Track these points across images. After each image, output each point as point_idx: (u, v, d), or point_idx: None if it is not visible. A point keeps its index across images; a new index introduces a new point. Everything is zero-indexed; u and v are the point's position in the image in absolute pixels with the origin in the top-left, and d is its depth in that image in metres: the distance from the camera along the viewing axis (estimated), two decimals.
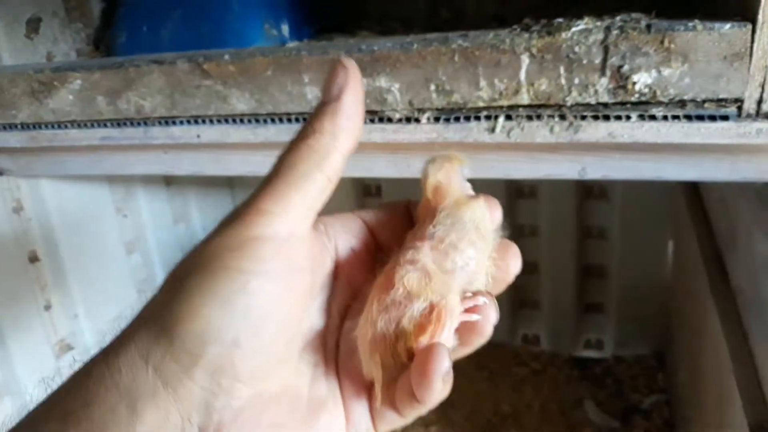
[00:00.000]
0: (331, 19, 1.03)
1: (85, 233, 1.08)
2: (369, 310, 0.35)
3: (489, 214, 0.37)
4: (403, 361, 0.34)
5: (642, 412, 1.24)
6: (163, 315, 0.31)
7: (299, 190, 0.33)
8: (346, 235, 0.39)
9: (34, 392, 0.35)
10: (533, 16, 0.63)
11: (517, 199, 1.31)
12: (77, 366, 0.32)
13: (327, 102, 0.35)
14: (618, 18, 0.56)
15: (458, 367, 1.17)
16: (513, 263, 0.37)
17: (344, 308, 0.39)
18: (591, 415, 1.24)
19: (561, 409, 1.26)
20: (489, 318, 0.35)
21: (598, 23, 0.56)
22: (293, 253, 0.33)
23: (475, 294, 0.35)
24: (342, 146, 0.34)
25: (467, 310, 0.35)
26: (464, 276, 0.35)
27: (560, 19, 0.57)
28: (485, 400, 1.30)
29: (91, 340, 1.08)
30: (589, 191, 1.28)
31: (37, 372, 0.99)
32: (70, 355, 1.05)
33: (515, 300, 1.42)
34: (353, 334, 0.36)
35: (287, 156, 0.34)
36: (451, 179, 0.38)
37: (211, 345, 0.30)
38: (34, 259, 1.01)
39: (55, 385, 0.32)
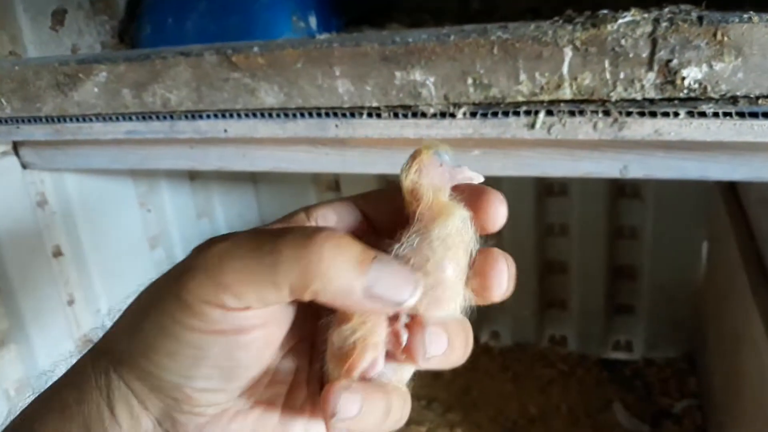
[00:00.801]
0: (359, 11, 1.01)
1: (108, 227, 1.07)
2: (331, 332, 0.33)
3: (471, 223, 0.33)
4: (347, 371, 0.33)
5: (673, 417, 1.21)
6: (132, 346, 0.32)
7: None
8: (341, 228, 0.36)
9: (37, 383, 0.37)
10: (569, 8, 0.60)
11: (547, 197, 1.28)
12: (73, 360, 0.35)
13: (382, 297, 0.30)
14: (666, 9, 0.53)
15: (482, 367, 1.14)
16: (496, 283, 0.33)
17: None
18: (620, 418, 1.21)
19: (589, 411, 1.23)
20: (419, 346, 0.32)
21: (646, 15, 0.53)
22: (265, 315, 0.31)
23: (413, 323, 0.32)
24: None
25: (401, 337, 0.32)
26: (428, 300, 0.32)
27: (605, 11, 0.55)
28: (510, 401, 1.27)
29: None
30: (621, 190, 1.25)
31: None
32: None
33: (543, 300, 1.39)
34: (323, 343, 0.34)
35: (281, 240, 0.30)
36: (423, 177, 0.33)
37: (165, 382, 0.31)
38: (57, 253, 1.00)
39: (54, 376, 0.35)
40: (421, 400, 1.28)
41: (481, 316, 1.45)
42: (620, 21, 0.53)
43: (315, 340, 0.36)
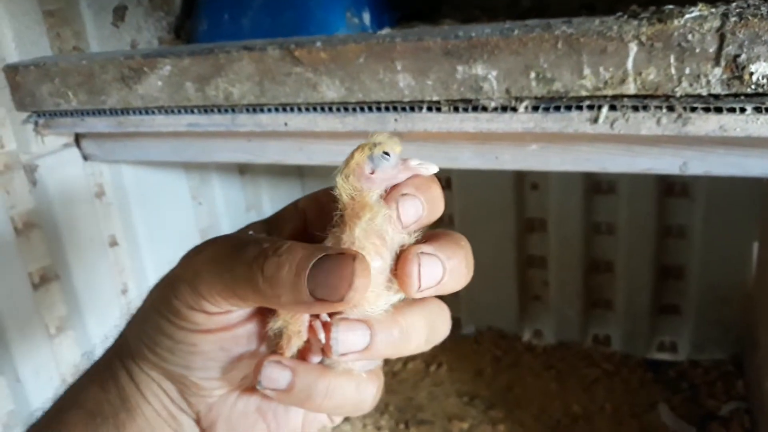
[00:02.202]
0: (412, 7, 1.02)
1: (161, 219, 1.09)
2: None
3: (393, 222, 0.34)
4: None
5: (720, 419, 1.19)
6: (141, 343, 0.37)
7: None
8: (321, 219, 0.37)
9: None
10: (623, 5, 0.60)
11: (595, 195, 1.27)
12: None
13: (324, 299, 0.32)
14: (734, 4, 0.53)
15: (525, 365, 1.13)
16: (409, 284, 0.33)
17: None
18: (665, 419, 1.20)
19: (634, 412, 1.22)
20: (330, 344, 0.34)
21: (714, 10, 0.53)
22: (247, 312, 0.36)
23: (330, 321, 0.34)
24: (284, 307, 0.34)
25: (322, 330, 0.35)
26: None
27: (671, 6, 0.54)
28: (554, 400, 1.27)
29: None
30: (670, 188, 1.23)
31: None
32: None
33: (587, 299, 1.38)
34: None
35: (251, 275, 0.33)
36: (352, 181, 0.34)
37: (171, 371, 0.36)
38: (113, 243, 1.03)
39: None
40: (463, 397, 1.28)
41: (524, 314, 1.45)
42: (687, 16, 0.52)
43: None
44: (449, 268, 0.33)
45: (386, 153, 0.34)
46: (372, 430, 1.22)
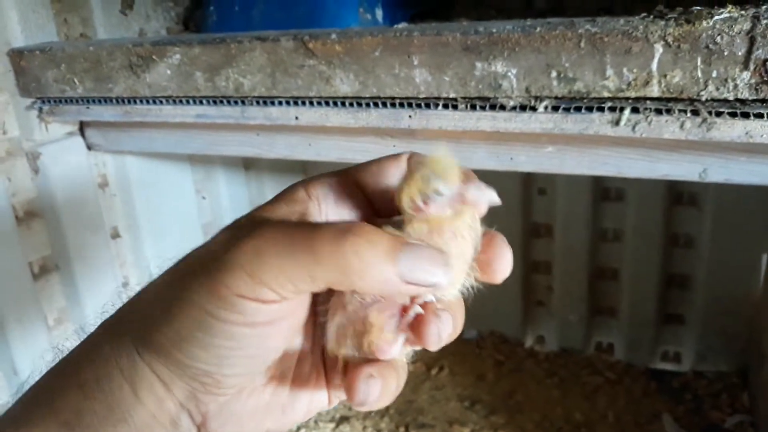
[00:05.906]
0: (425, 5, 1.00)
1: (165, 212, 1.07)
2: (336, 301, 0.35)
3: (476, 218, 0.34)
4: (362, 348, 0.34)
5: None
6: (163, 336, 0.33)
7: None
8: (339, 209, 0.36)
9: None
10: (642, 8, 0.59)
11: (603, 202, 1.26)
12: (83, 335, 0.36)
13: (415, 282, 0.32)
14: (765, 6, 0.52)
15: (527, 371, 1.11)
16: (501, 269, 0.35)
17: None
18: (669, 429, 1.19)
19: (637, 421, 1.21)
20: (428, 331, 0.33)
21: (744, 12, 0.51)
22: (294, 304, 0.33)
23: (425, 305, 0.34)
24: None
25: (418, 317, 0.34)
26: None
27: (699, 7, 0.53)
28: (556, 407, 1.25)
29: None
30: (679, 197, 1.22)
31: None
32: None
33: (591, 306, 1.36)
34: (324, 313, 0.37)
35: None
36: (423, 212, 0.33)
37: (195, 369, 0.33)
38: (115, 235, 1.01)
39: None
40: (464, 401, 1.27)
41: (526, 320, 1.44)
42: (716, 17, 0.51)
43: (316, 314, 0.38)
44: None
45: (440, 189, 0.32)
46: None
